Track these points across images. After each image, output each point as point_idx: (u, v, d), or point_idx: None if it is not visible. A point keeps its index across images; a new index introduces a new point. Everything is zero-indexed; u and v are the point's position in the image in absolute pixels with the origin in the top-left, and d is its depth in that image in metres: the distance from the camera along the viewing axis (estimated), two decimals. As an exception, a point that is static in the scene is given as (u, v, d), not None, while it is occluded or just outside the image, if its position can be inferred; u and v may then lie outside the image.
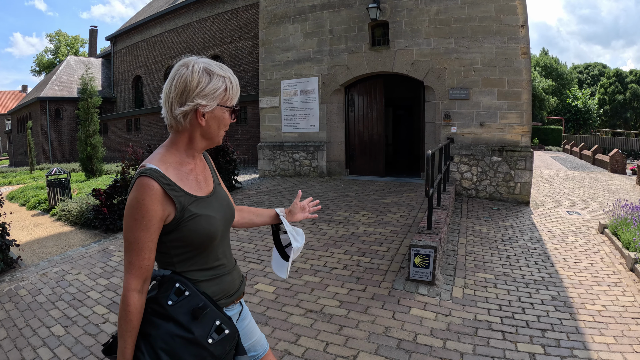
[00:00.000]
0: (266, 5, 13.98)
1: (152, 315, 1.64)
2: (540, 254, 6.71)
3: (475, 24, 10.88)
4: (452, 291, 5.07)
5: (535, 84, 48.10)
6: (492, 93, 10.78)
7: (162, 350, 1.59)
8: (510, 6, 10.54)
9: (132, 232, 1.57)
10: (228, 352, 1.74)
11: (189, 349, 1.61)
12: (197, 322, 1.64)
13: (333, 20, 12.75)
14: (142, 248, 1.58)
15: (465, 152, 10.95)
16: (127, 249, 1.59)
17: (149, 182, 1.58)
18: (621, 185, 14.87)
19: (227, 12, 22.62)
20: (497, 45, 10.70)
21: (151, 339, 1.60)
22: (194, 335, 1.62)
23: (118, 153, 25.25)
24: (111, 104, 31.99)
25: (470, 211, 9.40)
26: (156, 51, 27.29)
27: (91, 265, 6.05)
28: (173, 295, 1.65)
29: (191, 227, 1.67)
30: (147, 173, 1.60)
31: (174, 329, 1.61)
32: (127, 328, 1.57)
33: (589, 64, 73.81)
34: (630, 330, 4.27)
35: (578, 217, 9.38)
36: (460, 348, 3.83)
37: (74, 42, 61.15)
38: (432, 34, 11.34)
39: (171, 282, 1.67)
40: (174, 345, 1.60)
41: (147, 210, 1.56)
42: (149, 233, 1.58)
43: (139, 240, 1.57)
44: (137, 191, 1.57)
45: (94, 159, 17.73)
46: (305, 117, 13.40)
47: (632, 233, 6.70)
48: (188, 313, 1.63)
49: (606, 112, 56.80)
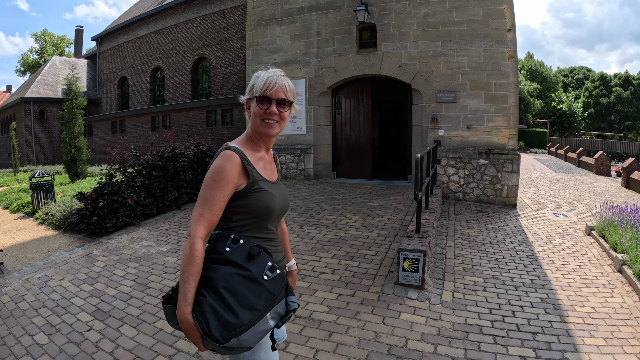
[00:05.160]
0: (253, 7, 13.90)
1: (211, 262, 1.88)
2: (529, 256, 6.75)
3: (463, 27, 10.91)
4: (442, 295, 5.07)
5: (520, 87, 48.52)
6: (479, 96, 10.82)
7: (223, 289, 1.81)
8: (498, 10, 10.60)
9: (210, 190, 1.89)
10: (280, 291, 1.94)
11: (248, 285, 1.84)
12: (252, 262, 1.89)
13: (321, 23, 12.71)
14: (215, 204, 1.88)
15: (453, 155, 10.97)
16: (201, 204, 1.89)
17: (231, 154, 1.94)
18: (606, 187, 15.00)
19: (214, 13, 22.43)
20: (485, 48, 10.75)
21: (212, 281, 1.83)
22: (251, 272, 1.86)
23: (103, 155, 24.93)
24: (96, 105, 31.55)
25: (458, 214, 9.41)
26: (142, 52, 26.98)
27: (75, 271, 5.95)
28: (230, 243, 1.92)
29: (257, 197, 2.00)
30: (230, 148, 1.98)
31: (232, 270, 1.86)
32: (192, 272, 1.80)
33: (574, 67, 74.65)
34: (620, 331, 4.29)
35: (565, 219, 9.43)
36: (451, 353, 3.82)
37: (59, 42, 60.45)
38: (420, 37, 11.35)
39: (227, 235, 1.95)
40: (233, 282, 1.83)
41: (227, 175, 1.90)
42: (223, 194, 1.90)
43: (214, 197, 1.88)
44: (222, 159, 1.92)
45: (79, 161, 17.46)
46: (292, 120, 13.29)
47: (619, 235, 6.76)
48: (244, 255, 1.90)
49: (591, 115, 57.48)
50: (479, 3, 10.77)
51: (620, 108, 56.82)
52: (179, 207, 9.55)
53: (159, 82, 26.76)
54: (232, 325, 1.76)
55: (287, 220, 8.22)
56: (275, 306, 1.92)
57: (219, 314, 1.77)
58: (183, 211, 9.32)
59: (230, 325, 1.76)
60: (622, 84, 57.56)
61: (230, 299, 1.80)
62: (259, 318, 1.84)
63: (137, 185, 8.72)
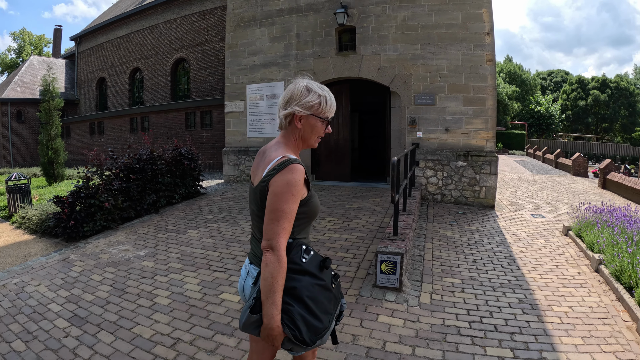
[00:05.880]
0: (233, 8, 13.83)
1: (291, 272, 2.04)
2: (506, 257, 6.80)
3: (442, 30, 11.00)
4: (420, 297, 5.08)
5: (499, 89, 49.10)
6: (458, 99, 10.92)
7: (308, 298, 2.03)
8: (477, 14, 10.71)
9: (288, 205, 2.00)
10: (340, 295, 2.27)
11: (324, 293, 2.11)
12: (324, 273, 2.14)
13: (300, 25, 12.70)
14: (293, 216, 2.03)
15: (431, 157, 11.05)
16: (281, 217, 1.98)
17: (300, 167, 2.06)
18: (584, 188, 15.23)
19: (194, 14, 22.29)
20: (463, 52, 10.85)
21: (296, 291, 2.02)
22: (325, 282, 2.12)
23: (81, 157, 24.52)
24: (74, 106, 31.12)
25: (437, 216, 9.47)
26: (121, 52, 26.68)
27: (52, 276, 5.84)
28: (304, 254, 2.11)
29: (313, 202, 2.19)
30: (296, 161, 2.07)
31: (311, 280, 2.07)
32: (281, 283, 1.96)
33: (552, 70, 75.74)
34: (597, 330, 4.35)
35: (542, 220, 9.55)
36: (429, 354, 3.83)
37: (38, 41, 59.57)
38: (399, 40, 11.42)
39: (298, 245, 2.13)
40: (314, 292, 2.06)
41: (300, 188, 2.05)
42: (297, 205, 2.05)
43: (293, 210, 2.02)
44: (294, 173, 2.02)
45: (56, 163, 17.17)
46: (271, 122, 13.29)
47: (596, 235, 6.87)
48: (317, 266, 2.12)
49: (568, 117, 58.29)
50: (458, 7, 10.87)
51: (597, 110, 57.72)
52: (157, 210, 9.45)
53: (138, 83, 26.53)
54: (319, 329, 2.04)
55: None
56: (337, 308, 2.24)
57: (307, 321, 2.01)
58: (161, 214, 9.21)
59: (317, 329, 2.03)
60: (599, 87, 58.48)
61: (314, 306, 2.04)
62: (332, 320, 2.15)
63: (114, 189, 8.61)
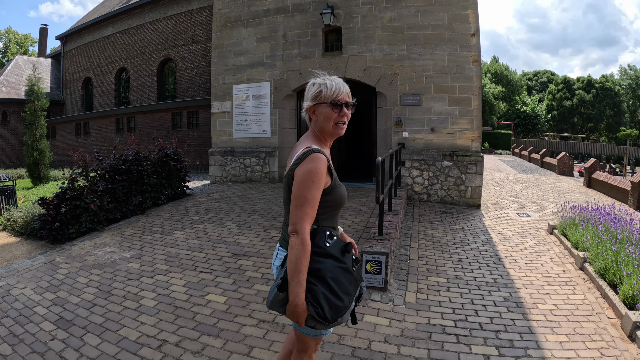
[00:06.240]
0: (220, 8, 13.78)
1: (315, 255, 2.24)
2: (492, 256, 6.86)
3: (428, 31, 11.06)
4: (405, 296, 5.11)
5: (485, 90, 49.38)
6: (444, 99, 10.98)
7: (331, 279, 2.23)
8: (463, 15, 10.79)
9: (310, 191, 2.18)
10: (360, 279, 2.47)
11: (345, 275, 2.30)
12: (346, 257, 2.34)
13: (287, 25, 12.69)
14: (315, 202, 2.20)
15: (417, 157, 11.10)
16: (304, 203, 2.17)
17: (321, 156, 2.22)
18: (569, 187, 15.39)
19: (181, 13, 22.17)
20: (449, 52, 10.91)
21: (321, 272, 2.23)
22: (347, 265, 2.33)
23: (67, 158, 24.27)
24: (60, 106, 30.81)
25: (422, 215, 9.52)
26: (107, 52, 26.44)
27: (37, 279, 5.78)
28: (328, 239, 2.31)
29: (338, 192, 2.36)
30: (318, 151, 2.24)
31: (334, 262, 2.28)
32: (305, 263, 2.15)
33: (538, 71, 76.38)
34: (582, 327, 4.41)
35: (528, 219, 9.65)
36: (414, 353, 3.85)
37: (24, 40, 58.96)
38: (385, 40, 11.46)
39: (323, 231, 2.33)
40: (337, 273, 2.27)
41: (322, 176, 2.21)
42: (319, 192, 2.21)
43: (315, 197, 2.19)
44: (315, 162, 2.19)
45: (41, 164, 17.08)
46: (257, 123, 13.27)
47: (581, 233, 6.95)
48: (339, 251, 2.33)
49: (554, 117, 58.78)
50: (444, 8, 10.94)
51: (582, 110, 58.28)
52: (143, 211, 9.39)
53: (124, 83, 26.34)
54: (340, 308, 2.24)
55: (251, 224, 8.21)
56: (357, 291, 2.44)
57: (329, 300, 2.21)
58: (147, 216, 9.15)
59: (338, 308, 2.23)
60: (584, 87, 59.05)
61: (336, 287, 2.24)
62: (352, 301, 2.35)
63: (100, 190, 8.55)
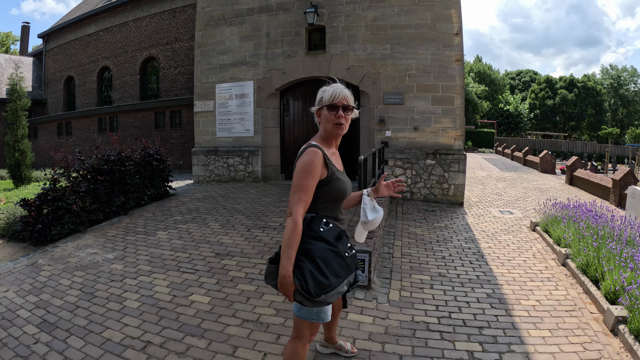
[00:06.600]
0: (203, 7, 13.70)
1: (309, 237, 2.56)
2: (475, 253, 6.94)
3: (411, 31, 11.12)
4: (389, 294, 5.14)
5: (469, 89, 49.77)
6: (427, 98, 11.04)
7: (319, 258, 2.51)
8: (446, 15, 10.86)
9: (305, 179, 2.53)
10: (354, 266, 2.80)
11: (336, 258, 2.58)
12: (339, 242, 2.63)
13: (270, 24, 12.66)
14: (309, 189, 2.55)
15: (400, 155, 11.16)
16: (298, 190, 2.53)
17: (317, 150, 2.60)
18: (551, 185, 15.57)
19: (164, 12, 21.95)
20: (432, 52, 10.98)
21: (310, 252, 2.52)
22: (339, 249, 2.61)
23: (48, 159, 23.90)
24: (42, 106, 30.33)
25: (406, 213, 9.57)
26: (90, 51, 26.07)
27: (20, 282, 5.70)
28: (323, 225, 2.63)
29: (335, 184, 2.67)
30: (315, 146, 2.64)
31: (325, 245, 2.56)
32: (295, 241, 2.44)
33: (521, 70, 77.18)
34: (564, 322, 4.47)
35: (510, 216, 9.74)
36: (399, 350, 3.87)
37: (5, 38, 57.97)
38: (369, 39, 11.50)
39: (320, 218, 2.65)
40: (326, 254, 2.54)
41: (316, 166, 2.55)
42: (313, 181, 2.55)
43: (308, 184, 2.54)
44: (311, 155, 2.58)
45: (23, 165, 16.80)
46: (241, 122, 13.23)
47: (563, 230, 7.05)
48: (334, 236, 2.62)
49: (536, 116, 59.48)
50: (427, 7, 11.01)
51: (565, 109, 59.03)
52: (125, 212, 9.29)
53: (106, 83, 26.01)
54: (325, 285, 2.49)
55: (235, 223, 8.20)
56: (349, 276, 2.73)
57: (315, 277, 2.46)
58: (130, 216, 9.06)
59: (323, 285, 2.49)
60: (567, 86, 59.82)
61: (323, 266, 2.51)
62: (340, 283, 2.60)
63: (82, 191, 8.44)
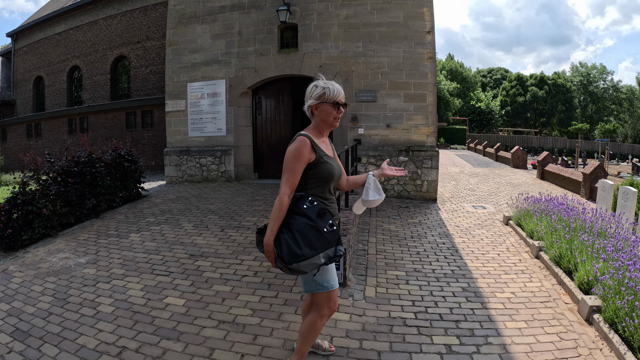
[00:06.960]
0: (175, 4, 13.53)
1: (293, 213, 2.87)
2: (449, 248, 7.04)
3: (383, 29, 11.19)
4: (365, 291, 5.17)
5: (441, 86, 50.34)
6: (399, 95, 11.13)
7: (297, 231, 2.81)
8: (418, 13, 10.96)
9: (292, 163, 2.84)
10: (333, 240, 2.90)
11: (313, 232, 2.81)
12: (320, 219, 2.84)
13: (242, 22, 12.58)
14: (296, 172, 2.85)
15: (373, 152, 11.24)
16: (285, 172, 2.85)
17: (305, 138, 2.90)
18: (523, 180, 15.86)
19: (135, 10, 21.57)
20: (404, 49, 11.07)
21: (290, 225, 2.84)
22: (317, 224, 2.82)
23: (18, 161, 23.36)
24: (10, 107, 29.56)
25: (380, 210, 9.63)
26: (59, 50, 25.47)
27: (-9, 290, 5.57)
28: (307, 202, 2.88)
29: (323, 167, 2.95)
30: (303, 134, 2.94)
31: (305, 220, 2.83)
32: (279, 216, 2.80)
33: (492, 68, 78.31)
34: (540, 313, 4.56)
35: (484, 211, 9.91)
36: (377, 347, 3.89)
37: (-29, 38, 56.67)
38: (341, 37, 11.53)
39: (306, 196, 2.92)
40: (304, 228, 2.81)
41: (302, 152, 2.85)
42: (300, 164, 2.85)
43: (295, 168, 2.84)
44: (299, 142, 2.87)
45: (-9, 168, 16.53)
46: (213, 121, 13.14)
47: (535, 223, 7.21)
48: (315, 213, 2.85)
49: (508, 112, 60.46)
50: (399, 6, 11.09)
51: (535, 106, 60.13)
52: (97, 215, 9.10)
53: (76, 82, 25.45)
54: (297, 254, 2.75)
55: (208, 224, 8.14)
56: (327, 250, 2.88)
57: (290, 247, 2.77)
58: (102, 219, 8.86)
59: (295, 254, 2.75)
60: (537, 83, 60.94)
61: (299, 238, 2.78)
62: (314, 255, 2.80)
63: (52, 194, 8.24)
